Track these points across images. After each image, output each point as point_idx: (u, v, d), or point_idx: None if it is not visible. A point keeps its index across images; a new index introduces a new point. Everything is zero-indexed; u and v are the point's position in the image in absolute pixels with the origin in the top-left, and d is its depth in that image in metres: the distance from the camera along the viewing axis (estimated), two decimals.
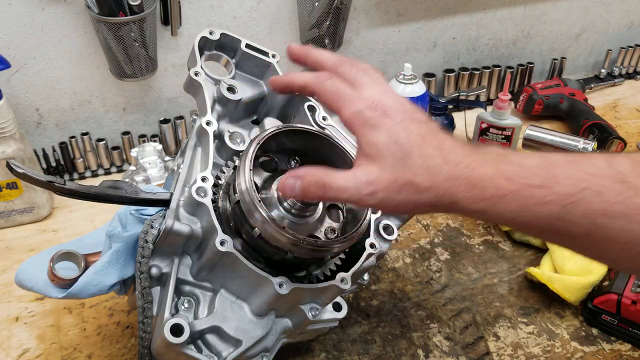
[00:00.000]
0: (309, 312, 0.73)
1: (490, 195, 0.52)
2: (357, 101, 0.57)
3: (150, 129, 1.42)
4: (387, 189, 0.54)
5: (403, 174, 0.53)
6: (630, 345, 0.95)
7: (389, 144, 0.54)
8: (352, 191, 0.55)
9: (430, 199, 0.53)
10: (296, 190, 0.57)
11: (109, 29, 1.13)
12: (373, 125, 0.55)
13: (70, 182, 0.65)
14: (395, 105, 0.57)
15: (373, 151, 0.55)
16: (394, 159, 0.54)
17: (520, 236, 1.16)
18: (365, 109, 0.56)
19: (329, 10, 1.28)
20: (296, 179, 0.57)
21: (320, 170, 0.57)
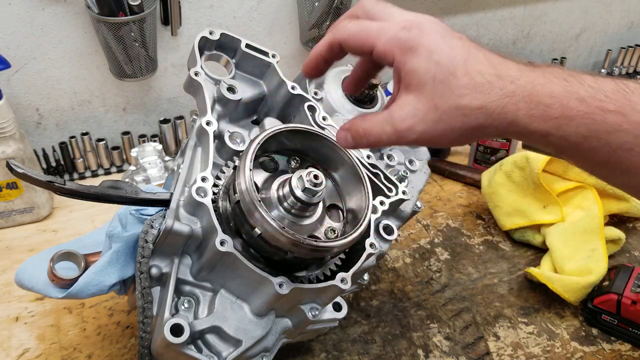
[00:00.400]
0: (309, 312, 0.73)
1: (558, 115, 0.47)
2: (388, 28, 0.51)
3: (150, 129, 1.42)
4: (425, 119, 0.49)
5: (444, 99, 0.48)
6: (630, 345, 0.95)
7: (429, 67, 0.49)
8: (389, 132, 0.51)
9: (480, 120, 0.48)
10: (349, 141, 0.55)
11: (109, 29, 1.13)
12: (411, 48, 0.49)
13: (70, 182, 0.65)
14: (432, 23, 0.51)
15: (413, 79, 0.50)
16: (434, 83, 0.48)
17: (520, 236, 1.16)
18: (399, 31, 0.50)
19: (329, 10, 1.28)
20: (346, 132, 0.55)
21: (359, 119, 0.54)
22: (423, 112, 0.49)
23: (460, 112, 0.48)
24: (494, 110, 0.48)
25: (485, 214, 1.24)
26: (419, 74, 0.49)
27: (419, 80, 0.49)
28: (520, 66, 0.50)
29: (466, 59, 0.49)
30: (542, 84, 0.48)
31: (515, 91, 0.47)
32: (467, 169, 1.35)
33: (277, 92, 0.83)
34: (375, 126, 0.52)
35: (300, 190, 0.65)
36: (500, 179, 1.17)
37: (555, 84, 0.48)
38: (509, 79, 0.48)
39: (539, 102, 0.47)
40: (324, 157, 0.76)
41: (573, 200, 1.13)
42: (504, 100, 0.47)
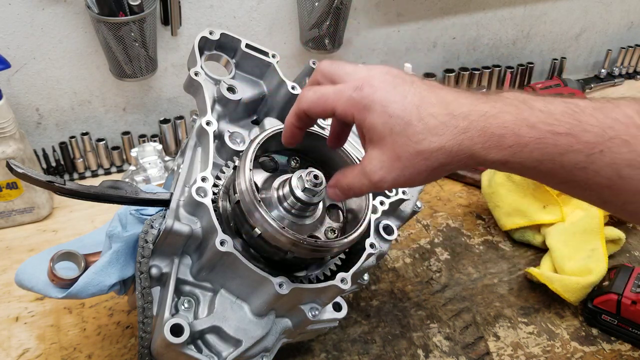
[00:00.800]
0: (309, 312, 0.73)
1: (511, 144, 0.49)
2: (343, 91, 0.54)
3: (150, 129, 1.42)
4: (392, 168, 0.52)
5: (404, 147, 0.51)
6: (630, 345, 0.95)
7: (385, 120, 0.51)
8: (366, 184, 0.55)
9: (441, 160, 0.51)
10: (340, 195, 0.60)
11: (109, 29, 1.13)
12: (365, 107, 0.52)
13: (70, 182, 0.65)
14: (383, 75, 0.54)
15: (374, 135, 0.53)
16: (392, 135, 0.51)
17: (520, 236, 1.16)
18: (352, 93, 0.53)
19: (329, 10, 1.28)
20: (334, 188, 0.60)
21: (340, 175, 0.59)
22: (389, 163, 0.52)
23: (421, 157, 0.51)
24: (451, 148, 0.50)
25: (485, 214, 1.24)
26: (377, 129, 0.52)
27: (379, 134, 0.52)
28: (472, 100, 0.51)
29: (418, 104, 0.51)
30: (494, 115, 0.50)
31: (468, 127, 0.50)
32: (467, 169, 1.35)
33: (277, 92, 0.84)
34: (355, 181, 0.56)
35: (300, 190, 0.65)
36: (500, 179, 1.17)
37: (506, 114, 0.50)
38: (462, 116, 0.50)
39: (492, 134, 0.49)
40: (324, 157, 0.76)
41: (573, 200, 1.13)
42: (460, 137, 0.50)
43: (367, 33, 1.50)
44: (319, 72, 0.60)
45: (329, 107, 0.55)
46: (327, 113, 0.57)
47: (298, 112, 0.59)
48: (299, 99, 0.59)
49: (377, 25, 1.50)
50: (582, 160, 0.48)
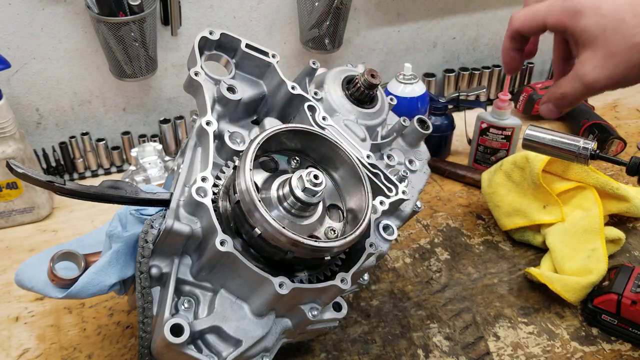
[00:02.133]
0: (309, 312, 0.73)
1: None
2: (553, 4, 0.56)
3: (150, 129, 1.42)
4: (606, 65, 0.53)
5: (619, 43, 0.52)
6: (630, 345, 0.95)
7: (597, 21, 0.53)
8: (579, 87, 0.56)
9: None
10: (554, 110, 0.62)
11: (109, 29, 1.13)
12: (577, 12, 0.54)
13: (70, 182, 0.65)
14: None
15: (586, 37, 0.54)
16: (606, 34, 0.52)
17: (520, 236, 1.16)
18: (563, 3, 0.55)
19: (329, 10, 1.28)
20: (547, 104, 0.62)
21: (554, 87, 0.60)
22: (602, 61, 0.53)
23: (636, 50, 0.51)
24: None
25: (485, 214, 1.24)
26: (590, 31, 0.53)
27: (592, 35, 0.53)
28: None
29: (631, 2, 0.52)
30: None
31: None
32: (467, 169, 1.35)
33: (277, 92, 0.84)
34: (568, 87, 0.58)
35: (300, 190, 0.65)
36: (500, 179, 1.17)
37: None
38: None
39: None
40: (324, 157, 0.76)
41: (573, 200, 1.13)
42: None
43: (367, 33, 1.50)
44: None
45: (540, 20, 0.57)
46: (539, 27, 0.58)
47: (512, 33, 0.61)
48: (511, 21, 0.60)
49: (377, 25, 1.50)
50: None
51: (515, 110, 1.57)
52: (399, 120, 0.92)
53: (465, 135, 1.44)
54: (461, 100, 1.43)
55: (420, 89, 1.31)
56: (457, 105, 1.43)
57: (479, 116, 1.33)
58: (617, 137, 1.38)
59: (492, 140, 1.32)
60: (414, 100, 1.29)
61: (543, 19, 0.57)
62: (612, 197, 1.13)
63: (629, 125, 1.56)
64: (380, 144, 0.90)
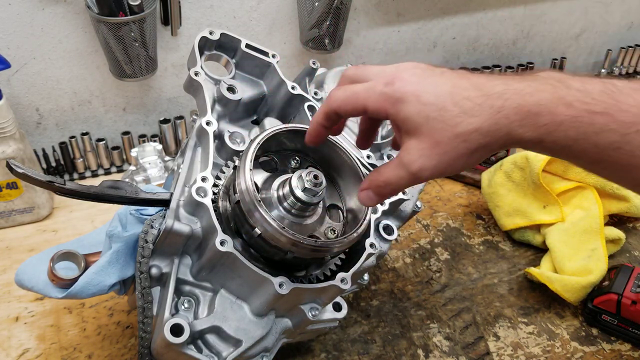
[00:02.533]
0: (309, 312, 0.73)
1: (547, 122, 0.49)
2: (374, 88, 0.55)
3: (150, 129, 1.42)
4: (431, 155, 0.52)
5: (442, 133, 0.51)
6: (630, 345, 0.95)
7: (420, 109, 0.52)
8: (404, 176, 0.55)
9: (480, 140, 0.51)
10: (373, 198, 0.60)
11: (109, 29, 1.13)
12: (399, 99, 0.53)
13: (70, 182, 0.65)
14: (411, 69, 0.55)
15: (409, 125, 0.53)
16: (429, 122, 0.52)
17: (520, 236, 1.16)
18: (383, 88, 0.54)
19: (329, 10, 1.28)
20: (367, 190, 0.59)
21: (374, 174, 0.59)
22: (427, 150, 0.52)
23: (460, 140, 0.51)
24: (489, 128, 0.50)
25: (485, 214, 1.24)
26: (413, 119, 0.52)
27: (415, 124, 0.52)
28: (506, 80, 0.52)
29: (451, 90, 0.52)
30: (529, 93, 0.50)
31: (504, 105, 0.50)
32: (467, 169, 1.35)
33: (277, 92, 0.84)
34: (392, 175, 0.56)
35: (300, 190, 0.65)
36: (500, 179, 1.17)
37: (542, 92, 0.50)
38: (496, 96, 0.50)
39: (528, 112, 0.49)
40: (324, 157, 0.76)
41: (573, 200, 1.13)
42: (496, 117, 0.50)
43: (367, 33, 1.50)
44: (345, 78, 0.60)
45: (360, 104, 0.56)
46: (358, 111, 0.57)
47: (328, 112, 0.59)
48: (329, 99, 0.59)
49: (377, 25, 1.50)
50: (617, 140, 0.48)
51: None
52: None
53: None
54: None
55: None
56: None
57: None
58: None
59: None
60: None
61: (363, 103, 0.55)
62: (612, 197, 1.13)
63: None
64: (380, 144, 0.90)
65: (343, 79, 0.61)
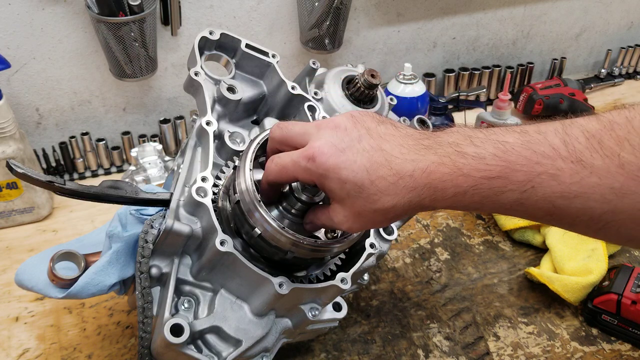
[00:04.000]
0: (309, 312, 0.73)
1: (452, 194, 0.54)
2: (298, 161, 0.59)
3: (150, 129, 1.42)
4: (355, 222, 0.59)
5: (362, 207, 0.57)
6: (630, 345, 0.95)
7: (341, 186, 0.56)
8: (337, 226, 0.61)
9: (398, 212, 0.57)
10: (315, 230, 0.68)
11: (109, 29, 1.13)
12: (321, 175, 0.57)
13: (70, 182, 0.65)
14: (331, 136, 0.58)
15: (334, 196, 0.58)
16: (350, 198, 0.57)
17: (520, 236, 1.16)
18: (307, 164, 0.58)
19: (329, 10, 1.28)
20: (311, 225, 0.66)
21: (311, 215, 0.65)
22: (352, 218, 0.58)
23: (378, 214, 0.57)
24: (403, 205, 0.56)
25: (485, 214, 1.24)
26: (336, 193, 0.57)
27: (338, 197, 0.58)
28: (416, 155, 0.55)
29: (368, 167, 0.55)
30: (433, 170, 0.54)
31: (414, 185, 0.55)
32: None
33: (277, 92, 0.84)
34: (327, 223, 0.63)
35: (300, 190, 0.65)
36: None
37: (443, 166, 0.54)
38: (407, 174, 0.55)
39: (435, 188, 0.54)
40: None
41: None
42: (409, 195, 0.55)
43: (367, 33, 1.50)
44: (273, 142, 0.64)
45: (291, 176, 0.60)
46: (291, 180, 0.62)
47: (268, 183, 0.64)
48: (265, 171, 0.63)
49: (377, 25, 1.50)
50: (518, 198, 0.52)
51: (515, 110, 1.57)
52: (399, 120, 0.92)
53: None
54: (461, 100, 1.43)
55: (420, 89, 1.31)
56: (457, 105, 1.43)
57: (479, 116, 1.33)
58: None
59: None
60: (414, 100, 1.29)
61: (293, 175, 0.60)
62: None
63: None
64: None
65: (272, 144, 0.65)
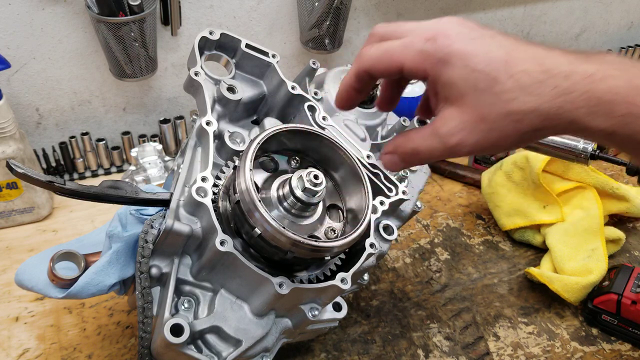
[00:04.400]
0: (309, 312, 0.73)
1: (623, 112, 0.42)
2: (412, 44, 0.47)
3: (150, 129, 1.42)
4: (475, 130, 0.46)
5: (491, 107, 0.45)
6: (630, 345, 0.95)
7: (467, 75, 0.45)
8: (439, 148, 0.48)
9: (536, 123, 0.44)
10: (398, 164, 0.53)
11: (109, 29, 1.13)
12: (441, 60, 0.46)
13: (70, 182, 0.65)
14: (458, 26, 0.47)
15: (452, 92, 0.46)
16: (477, 92, 0.45)
17: (520, 236, 1.16)
18: (424, 45, 0.46)
19: (329, 10, 1.28)
20: (392, 155, 0.53)
21: (401, 138, 0.52)
22: (471, 124, 0.46)
23: (511, 119, 0.45)
24: (548, 111, 0.44)
25: (485, 214, 1.24)
26: (457, 86, 0.46)
27: (459, 91, 0.46)
28: (570, 58, 0.45)
29: (506, 59, 0.45)
30: (600, 78, 0.43)
31: (570, 88, 0.43)
32: (467, 169, 1.35)
33: (277, 92, 0.83)
34: (423, 144, 0.50)
35: (300, 190, 0.65)
36: (500, 179, 1.17)
37: (615, 78, 0.43)
38: (561, 75, 0.43)
39: (599, 99, 0.43)
40: (324, 157, 0.75)
41: (573, 200, 1.13)
42: (559, 100, 0.43)
43: (367, 33, 1.50)
44: (374, 36, 0.52)
45: (396, 63, 0.48)
46: (392, 70, 0.49)
47: (358, 72, 0.52)
48: (359, 57, 0.51)
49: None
50: None
51: None
52: (399, 120, 0.92)
53: None
54: None
55: (420, 89, 1.31)
56: None
57: None
58: None
59: None
60: (413, 100, 1.29)
61: (399, 61, 0.48)
62: (612, 197, 1.13)
63: None
64: (380, 144, 0.90)
65: (372, 37, 0.53)
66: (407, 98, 1.28)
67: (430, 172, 0.97)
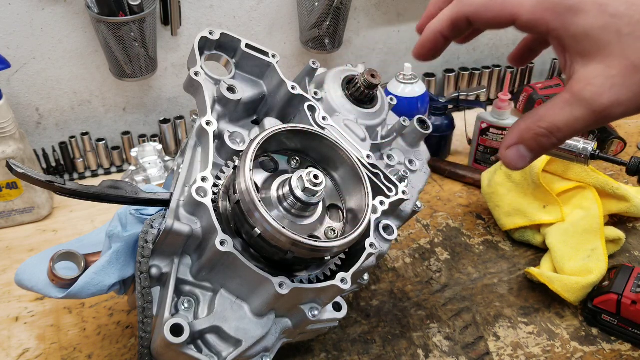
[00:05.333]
0: (309, 312, 0.73)
1: None
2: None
3: (150, 129, 1.42)
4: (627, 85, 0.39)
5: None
6: (630, 345, 0.95)
7: (605, 22, 0.39)
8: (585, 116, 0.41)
9: None
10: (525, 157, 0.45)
11: (109, 29, 1.13)
12: (570, 9, 0.40)
13: (70, 182, 0.65)
14: None
15: (588, 44, 0.40)
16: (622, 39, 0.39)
17: (520, 236, 1.16)
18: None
19: (329, 10, 1.28)
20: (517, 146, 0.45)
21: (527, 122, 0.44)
22: (621, 78, 0.39)
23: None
24: None
25: (485, 214, 1.24)
26: (594, 35, 0.39)
27: (598, 41, 0.40)
28: None
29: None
30: None
31: None
32: (467, 169, 1.35)
33: (277, 92, 0.83)
34: (563, 117, 0.42)
35: (300, 190, 0.65)
36: (500, 179, 1.17)
37: None
38: None
39: None
40: (324, 157, 0.76)
41: (573, 200, 1.13)
42: None
43: (367, 33, 1.50)
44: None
45: (507, 12, 0.41)
46: (502, 20, 0.42)
47: (456, 18, 0.45)
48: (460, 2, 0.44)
49: (377, 25, 1.50)
50: None
51: (516, 110, 1.57)
52: (399, 120, 0.92)
53: (465, 135, 1.44)
54: (461, 100, 1.43)
55: (420, 89, 1.31)
56: (457, 105, 1.43)
57: (479, 116, 1.33)
58: (617, 137, 1.38)
59: (492, 140, 1.32)
60: (414, 100, 1.29)
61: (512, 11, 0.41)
62: (612, 197, 1.13)
63: (629, 125, 1.56)
64: (380, 144, 0.90)
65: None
66: (407, 98, 1.28)
67: (430, 172, 0.97)
